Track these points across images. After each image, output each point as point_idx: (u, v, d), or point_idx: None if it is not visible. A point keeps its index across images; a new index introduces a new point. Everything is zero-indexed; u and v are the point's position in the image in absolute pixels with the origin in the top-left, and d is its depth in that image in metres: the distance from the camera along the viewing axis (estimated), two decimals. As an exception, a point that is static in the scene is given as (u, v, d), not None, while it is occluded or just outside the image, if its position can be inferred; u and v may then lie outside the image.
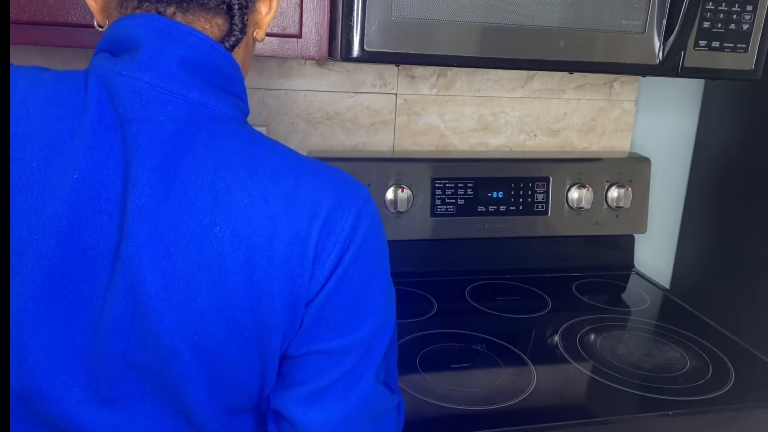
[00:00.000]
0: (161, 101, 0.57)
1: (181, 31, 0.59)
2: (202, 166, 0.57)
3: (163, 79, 0.58)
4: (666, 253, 1.61)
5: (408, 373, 0.99)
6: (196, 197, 0.56)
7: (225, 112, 0.60)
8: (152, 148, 0.56)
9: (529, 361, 1.05)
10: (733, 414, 0.96)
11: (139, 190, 0.55)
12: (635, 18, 1.00)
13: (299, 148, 1.33)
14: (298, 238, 0.57)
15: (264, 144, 0.61)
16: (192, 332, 0.56)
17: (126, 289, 0.55)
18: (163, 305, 0.55)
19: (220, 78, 0.61)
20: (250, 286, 0.56)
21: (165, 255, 0.55)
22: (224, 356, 0.58)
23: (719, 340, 1.15)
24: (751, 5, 1.04)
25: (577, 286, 1.36)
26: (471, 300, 1.26)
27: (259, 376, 0.61)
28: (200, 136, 0.58)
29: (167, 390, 0.59)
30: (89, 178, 0.55)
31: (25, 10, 0.89)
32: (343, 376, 0.61)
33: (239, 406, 0.63)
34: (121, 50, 0.59)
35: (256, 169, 0.58)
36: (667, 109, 1.52)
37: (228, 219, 0.56)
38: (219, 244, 0.56)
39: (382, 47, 0.92)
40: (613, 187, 1.39)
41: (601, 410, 0.94)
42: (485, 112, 1.42)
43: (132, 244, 0.54)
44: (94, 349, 0.57)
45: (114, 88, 0.57)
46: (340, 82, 1.33)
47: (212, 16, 0.62)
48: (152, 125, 0.56)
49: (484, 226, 1.34)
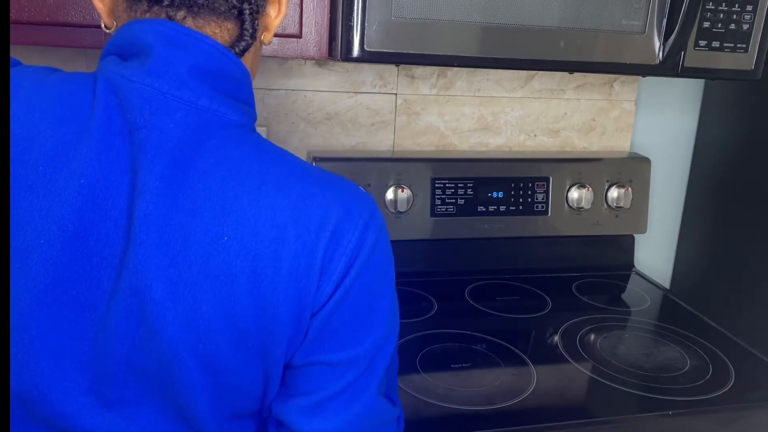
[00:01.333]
0: (171, 108, 0.57)
1: (191, 38, 0.59)
2: (210, 175, 0.56)
3: (173, 87, 0.57)
4: (666, 253, 1.61)
5: (408, 373, 0.99)
6: (204, 206, 0.56)
7: (234, 119, 0.60)
8: (161, 156, 0.55)
9: (529, 361, 1.05)
10: (733, 414, 0.96)
11: (147, 198, 0.54)
12: (635, 18, 1.00)
13: (299, 148, 1.33)
14: (305, 250, 0.57)
15: (272, 153, 0.61)
16: (196, 340, 0.56)
17: (131, 295, 0.55)
18: (169, 313, 0.55)
19: (230, 85, 0.61)
20: (256, 297, 0.56)
21: (171, 263, 0.55)
22: (228, 365, 0.58)
23: (719, 340, 1.15)
24: (751, 5, 1.04)
25: (577, 286, 1.36)
26: (471, 300, 1.26)
27: (262, 384, 0.61)
28: (209, 144, 0.57)
29: (170, 396, 0.58)
30: (95, 183, 0.55)
31: (25, 10, 0.89)
32: (346, 388, 0.61)
33: (241, 413, 0.63)
34: (130, 55, 0.59)
35: (265, 179, 0.58)
36: (667, 109, 1.52)
37: (235, 229, 0.56)
38: (226, 254, 0.55)
39: (382, 47, 0.92)
40: (613, 187, 1.39)
41: (601, 410, 0.94)
42: (485, 112, 1.42)
43: (138, 251, 0.54)
44: (97, 354, 0.57)
45: (123, 94, 0.57)
46: (340, 82, 1.33)
47: (223, 21, 0.61)
48: (161, 132, 0.56)
49: (484, 226, 1.34)
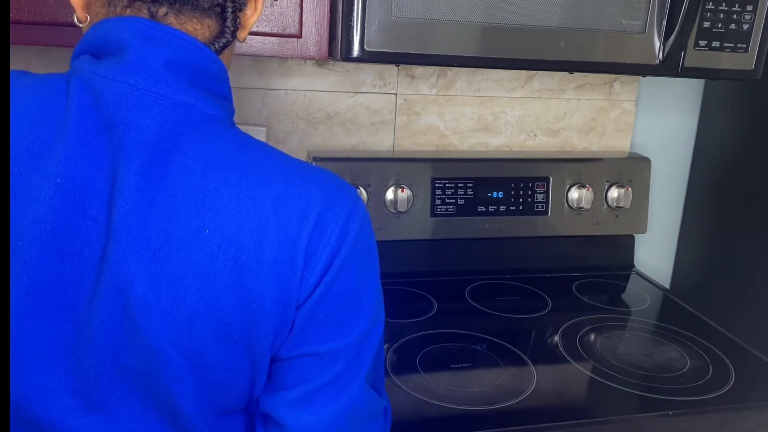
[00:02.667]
0: (148, 104, 0.57)
1: (166, 33, 0.59)
2: (190, 169, 0.56)
3: (150, 82, 0.57)
4: (666, 253, 1.61)
5: (408, 373, 0.99)
6: (185, 200, 0.55)
7: (213, 113, 0.60)
8: (138, 151, 0.55)
9: (529, 361, 1.05)
10: (733, 414, 0.96)
11: (126, 194, 0.54)
12: (635, 18, 1.00)
13: (299, 148, 1.33)
14: (287, 241, 0.57)
15: (252, 146, 0.61)
16: (181, 335, 0.56)
17: (113, 293, 0.55)
18: (152, 308, 0.55)
19: (207, 79, 0.61)
20: (239, 289, 0.56)
21: (153, 258, 0.55)
22: (213, 359, 0.57)
23: (719, 340, 1.15)
24: (751, 5, 1.04)
25: (577, 286, 1.36)
26: (471, 300, 1.26)
27: (248, 378, 0.61)
28: (188, 139, 0.57)
29: (156, 393, 0.58)
30: (72, 182, 0.55)
31: (25, 10, 0.89)
32: (334, 379, 0.61)
33: (229, 408, 0.62)
34: (104, 53, 0.59)
35: (245, 172, 0.58)
36: (667, 109, 1.52)
37: (217, 222, 0.56)
38: (208, 247, 0.55)
39: (382, 47, 0.92)
40: (613, 187, 1.39)
41: (601, 410, 0.94)
42: (485, 112, 1.42)
43: (118, 247, 0.54)
44: (81, 354, 0.56)
45: (99, 92, 0.57)
46: (340, 82, 1.33)
47: (204, 18, 0.61)
48: (139, 128, 0.56)
49: (484, 226, 1.34)
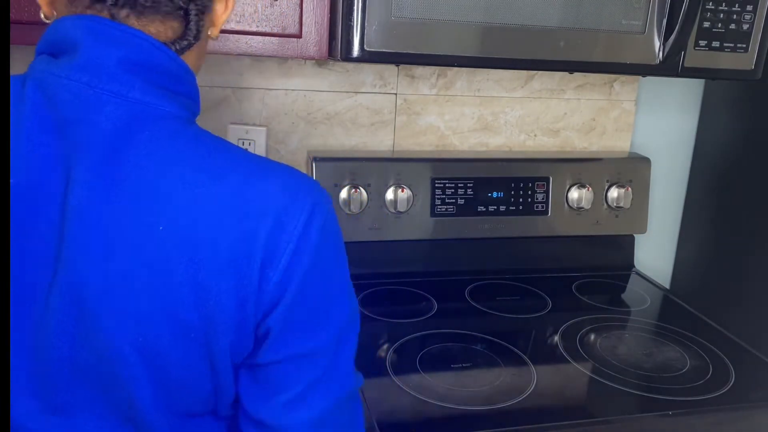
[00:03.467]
0: (101, 102, 0.56)
1: (122, 32, 0.58)
2: (143, 166, 0.56)
3: (102, 80, 0.57)
4: (666, 253, 1.61)
5: (408, 373, 0.99)
6: (138, 197, 0.55)
7: (169, 111, 0.59)
8: (91, 149, 0.55)
9: (529, 361, 1.05)
10: (733, 414, 0.96)
11: (78, 192, 0.54)
12: (635, 18, 1.00)
13: (299, 148, 1.33)
14: (244, 236, 0.56)
15: (209, 142, 0.60)
16: (137, 333, 0.55)
17: (68, 291, 0.54)
18: (106, 307, 0.54)
19: (166, 77, 0.60)
20: (195, 286, 0.56)
21: (106, 256, 0.54)
22: (170, 358, 0.57)
23: (719, 340, 1.15)
24: (751, 5, 1.04)
25: (577, 286, 1.36)
26: (471, 300, 1.26)
27: (209, 378, 0.60)
28: (142, 136, 0.57)
29: (114, 394, 0.58)
30: (27, 183, 0.55)
31: (25, 10, 0.89)
32: (324, 373, 0.61)
33: (193, 411, 0.62)
34: (60, 51, 0.58)
35: (200, 168, 0.57)
36: (667, 109, 1.52)
37: (171, 218, 0.55)
38: (162, 243, 0.55)
39: (382, 47, 0.92)
40: (613, 187, 1.39)
41: (601, 410, 0.94)
42: (485, 112, 1.42)
43: (71, 246, 0.54)
44: (39, 355, 0.56)
45: (52, 91, 0.56)
46: (340, 82, 1.33)
47: (167, 20, 0.61)
48: (91, 126, 0.56)
49: (484, 226, 1.34)
